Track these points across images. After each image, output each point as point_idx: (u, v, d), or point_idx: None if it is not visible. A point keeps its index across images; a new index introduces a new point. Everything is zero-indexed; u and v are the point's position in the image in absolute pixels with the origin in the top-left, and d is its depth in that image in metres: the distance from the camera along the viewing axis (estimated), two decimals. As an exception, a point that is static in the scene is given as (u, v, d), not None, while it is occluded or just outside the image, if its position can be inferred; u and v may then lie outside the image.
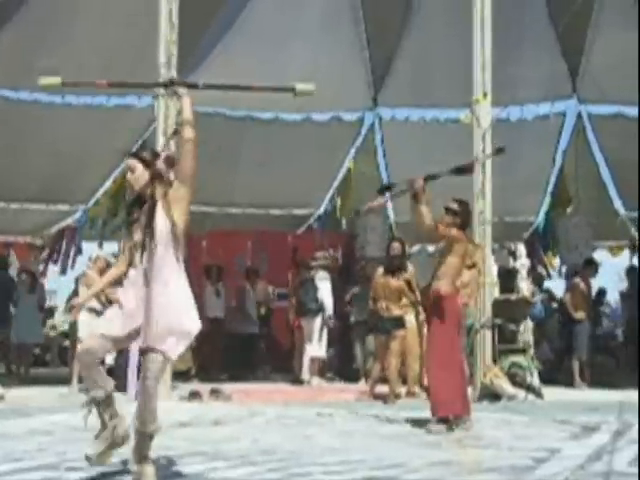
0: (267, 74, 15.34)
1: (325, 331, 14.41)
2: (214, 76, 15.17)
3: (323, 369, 14.75)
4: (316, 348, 14.22)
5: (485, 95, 12.13)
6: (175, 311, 5.19)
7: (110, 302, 13.03)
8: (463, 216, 8.52)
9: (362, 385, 13.16)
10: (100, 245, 17.91)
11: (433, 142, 16.36)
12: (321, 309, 14.24)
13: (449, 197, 8.70)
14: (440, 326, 8.36)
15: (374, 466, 6.15)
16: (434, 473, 5.86)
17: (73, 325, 16.70)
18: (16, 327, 15.66)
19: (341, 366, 15.49)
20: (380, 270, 11.82)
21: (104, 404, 5.36)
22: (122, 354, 12.23)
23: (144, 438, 5.18)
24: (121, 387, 12.08)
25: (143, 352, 5.23)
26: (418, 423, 8.45)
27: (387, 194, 9.21)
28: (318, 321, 14.25)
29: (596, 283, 15.58)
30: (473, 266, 11.90)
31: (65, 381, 13.72)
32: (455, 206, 8.48)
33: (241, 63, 15.17)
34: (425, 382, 10.23)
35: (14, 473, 5.64)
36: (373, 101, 17.31)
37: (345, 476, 5.70)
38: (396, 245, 11.74)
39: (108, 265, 13.56)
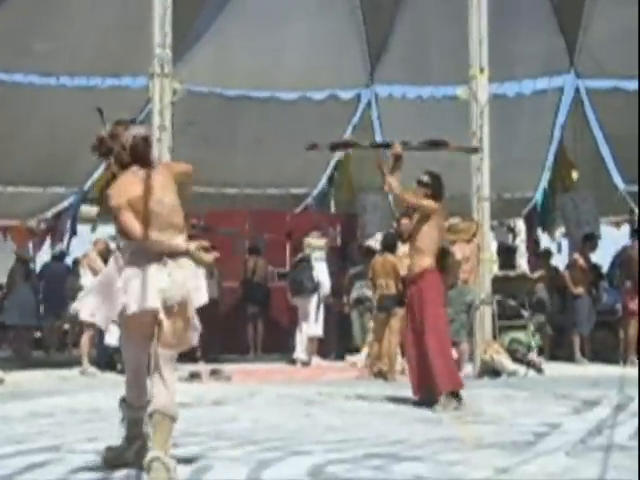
0: (263, 53, 15.35)
1: (322, 310, 14.39)
2: (209, 56, 15.26)
3: (322, 349, 14.75)
4: (313, 327, 14.20)
5: (482, 70, 12.09)
6: None
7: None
8: (434, 188, 8.48)
9: (361, 363, 13.17)
10: (93, 229, 17.91)
11: (430, 119, 16.31)
12: (317, 288, 14.21)
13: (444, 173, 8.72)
14: (431, 301, 8.35)
15: (375, 443, 6.18)
16: (435, 449, 5.88)
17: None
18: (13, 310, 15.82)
19: (340, 345, 15.49)
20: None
21: (135, 421, 5.34)
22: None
23: (166, 421, 5.01)
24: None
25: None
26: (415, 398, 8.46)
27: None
28: (314, 300, 14.23)
29: (597, 258, 15.54)
30: (470, 241, 11.91)
31: (65, 364, 13.74)
32: (425, 178, 8.47)
33: (236, 42, 15.17)
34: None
35: (15, 455, 5.63)
36: (369, 79, 17.29)
37: (346, 454, 5.70)
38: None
39: (108, 247, 13.60)
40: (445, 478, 4.93)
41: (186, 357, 13.58)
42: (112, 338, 13.02)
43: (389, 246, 11.79)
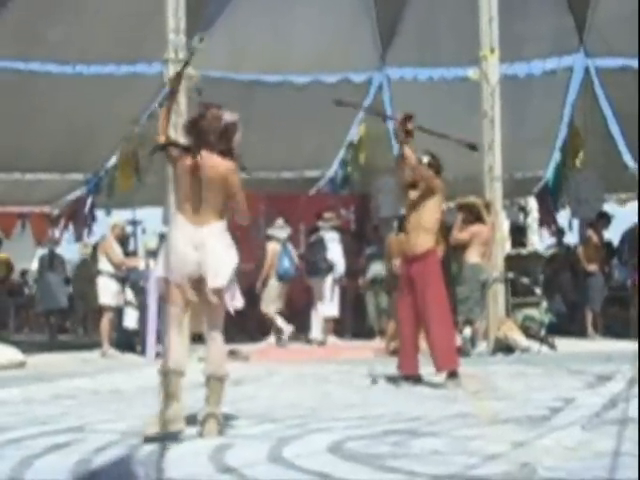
0: (275, 37, 15.39)
1: (337, 290, 14.48)
2: (222, 41, 15.28)
3: (338, 328, 14.85)
4: (328, 307, 14.31)
5: (493, 51, 12.15)
6: None
7: (128, 270, 13.28)
8: (436, 167, 8.56)
9: (377, 343, 13.29)
10: (108, 213, 18.05)
11: (442, 101, 16.35)
12: (331, 269, 14.30)
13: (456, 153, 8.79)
14: (434, 282, 8.42)
15: (393, 420, 6.26)
16: (452, 425, 5.95)
17: (91, 292, 16.99)
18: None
19: (356, 325, 15.60)
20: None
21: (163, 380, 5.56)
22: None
23: (220, 383, 5.66)
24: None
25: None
26: (434, 377, 8.55)
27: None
28: (329, 281, 14.32)
29: (607, 235, 15.60)
30: (478, 220, 11.98)
31: (86, 347, 13.92)
32: (426, 159, 8.52)
33: (248, 27, 15.19)
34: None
35: (40, 436, 5.73)
36: (381, 61, 17.30)
37: (365, 430, 5.79)
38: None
39: (125, 232, 13.76)
40: (463, 453, 5.00)
41: (203, 339, 13.77)
42: (131, 321, 13.25)
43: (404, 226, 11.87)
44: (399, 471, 4.54)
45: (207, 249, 5.57)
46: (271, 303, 14.09)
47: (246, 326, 14.21)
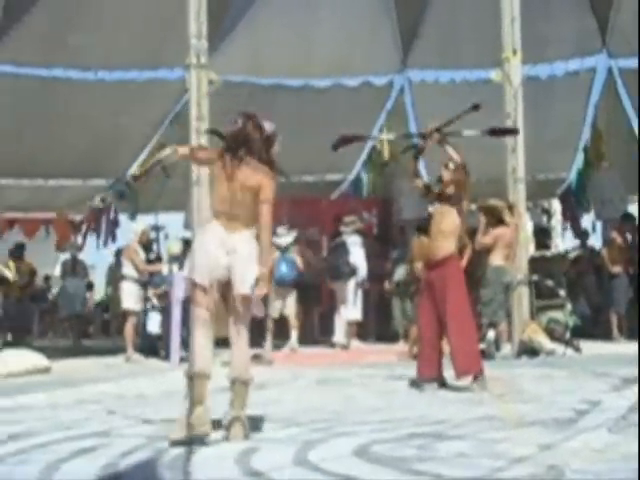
0: (296, 41, 15.40)
1: (360, 294, 14.46)
2: (243, 45, 15.34)
3: (361, 332, 14.83)
4: (351, 311, 14.29)
5: (515, 52, 12.11)
6: None
7: (151, 274, 13.32)
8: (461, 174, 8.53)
9: (400, 346, 13.25)
10: (132, 218, 18.10)
11: (464, 103, 16.20)
12: (354, 272, 14.29)
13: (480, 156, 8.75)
14: (455, 287, 8.38)
15: (418, 423, 6.23)
16: (478, 428, 5.91)
17: (114, 297, 17.09)
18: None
19: (379, 329, 15.58)
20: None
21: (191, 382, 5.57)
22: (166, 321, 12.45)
23: (245, 387, 5.71)
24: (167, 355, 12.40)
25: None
26: (460, 381, 8.51)
27: None
28: (352, 284, 14.31)
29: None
30: (501, 222, 11.94)
31: (109, 352, 13.96)
32: (452, 165, 8.51)
33: (270, 31, 15.20)
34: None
35: (66, 441, 5.72)
36: (402, 64, 17.27)
37: (390, 434, 5.77)
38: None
39: (149, 237, 13.79)
40: (489, 456, 4.96)
41: (227, 343, 13.79)
42: (154, 325, 13.27)
43: (425, 229, 11.84)
44: (426, 474, 4.52)
45: (237, 255, 5.63)
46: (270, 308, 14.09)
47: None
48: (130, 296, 13.16)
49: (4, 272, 14.32)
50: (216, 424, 5.66)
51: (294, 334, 14.43)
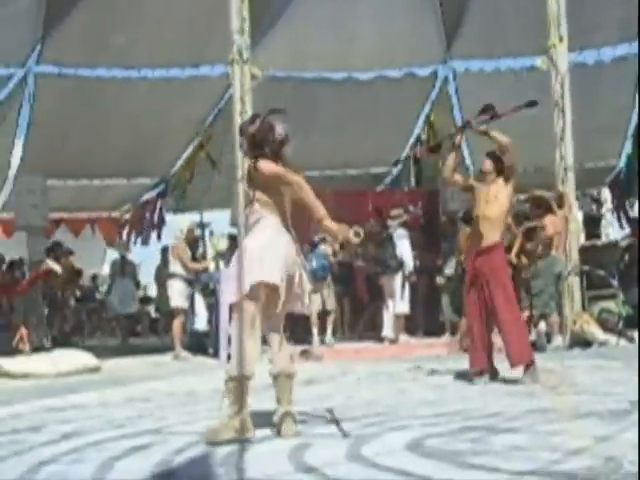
0: (338, 34, 15.33)
1: (407, 287, 14.38)
2: (285, 39, 15.31)
3: (409, 326, 14.75)
4: (399, 305, 14.22)
5: (561, 39, 11.96)
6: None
7: (197, 273, 13.34)
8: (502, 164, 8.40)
9: (447, 339, 13.17)
10: (179, 211, 18.19)
11: (509, 92, 16.11)
12: (401, 266, 14.22)
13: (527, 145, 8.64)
14: (501, 275, 8.33)
15: (471, 416, 6.18)
16: (532, 421, 5.84)
17: (162, 296, 17.14)
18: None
19: (427, 322, 15.49)
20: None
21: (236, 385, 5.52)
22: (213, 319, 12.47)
23: (289, 380, 5.62)
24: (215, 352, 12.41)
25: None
26: (511, 373, 8.42)
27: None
28: (399, 278, 14.24)
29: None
30: (549, 211, 11.80)
31: (157, 350, 14.02)
32: (496, 153, 8.40)
33: (311, 25, 15.16)
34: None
35: (118, 439, 5.74)
36: (446, 54, 17.14)
37: (443, 427, 5.72)
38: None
39: (195, 235, 13.80)
40: (545, 448, 4.88)
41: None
42: (202, 323, 13.29)
43: (470, 219, 11.73)
44: (481, 468, 4.46)
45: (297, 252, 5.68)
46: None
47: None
48: (178, 294, 13.19)
49: (53, 266, 14.42)
50: (266, 420, 5.64)
51: (328, 330, 14.43)
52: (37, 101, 15.58)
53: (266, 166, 5.60)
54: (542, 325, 11.35)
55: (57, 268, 14.76)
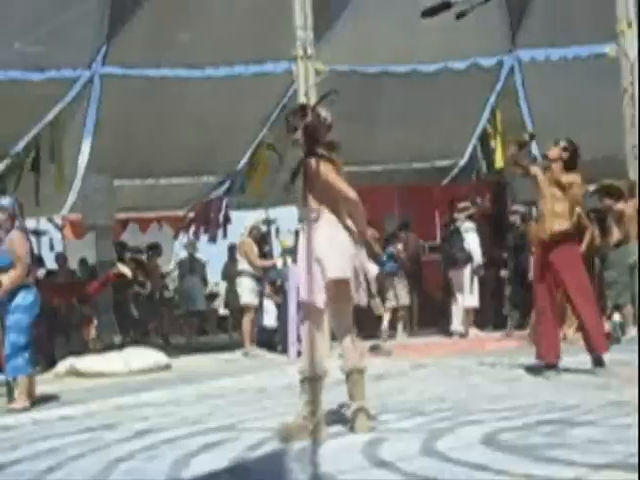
0: (401, 27, 15.22)
1: (476, 281, 14.27)
2: (348, 34, 15.25)
3: (478, 319, 14.64)
4: (468, 299, 14.12)
5: (630, 24, 11.74)
6: None
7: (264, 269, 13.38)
8: (571, 154, 8.26)
9: (520, 332, 13.04)
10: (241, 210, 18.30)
11: (576, 80, 15.92)
12: (469, 259, 14.11)
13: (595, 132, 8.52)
14: (576, 264, 8.24)
15: (545, 410, 6.12)
16: (607, 413, 5.79)
17: (229, 293, 17.25)
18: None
19: (497, 316, 15.35)
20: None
21: (310, 386, 5.52)
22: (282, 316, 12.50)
23: (361, 376, 5.59)
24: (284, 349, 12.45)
25: None
26: (583, 365, 8.31)
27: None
28: (467, 272, 14.14)
29: None
30: (620, 198, 11.61)
31: (226, 348, 14.09)
32: (563, 143, 8.27)
33: (374, 18, 15.08)
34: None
35: (192, 436, 5.78)
36: (511, 44, 16.93)
37: (517, 421, 5.66)
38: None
39: (261, 233, 13.84)
40: (622, 441, 4.80)
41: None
42: (270, 319, 13.33)
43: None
44: (558, 461, 4.41)
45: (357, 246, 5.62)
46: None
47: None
48: (248, 291, 13.24)
49: (123, 269, 14.60)
50: (338, 415, 5.62)
51: (400, 326, 14.39)
52: (103, 102, 15.74)
53: (325, 170, 5.53)
54: (616, 316, 11.17)
55: (127, 272, 14.95)
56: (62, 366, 11.28)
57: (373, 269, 5.76)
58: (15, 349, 8.01)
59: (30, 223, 15.33)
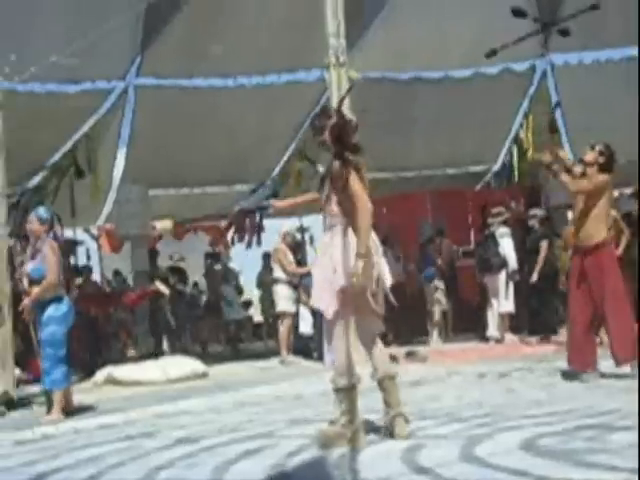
0: (433, 33, 15.22)
1: (511, 286, 14.21)
2: (380, 41, 15.25)
3: (514, 325, 14.57)
4: (503, 304, 14.07)
5: (664, 28, 11.66)
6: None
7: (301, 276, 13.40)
8: (608, 158, 8.21)
9: (557, 338, 12.97)
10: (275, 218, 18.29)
11: (610, 83, 15.82)
12: (504, 264, 14.06)
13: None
14: (612, 272, 8.16)
15: (585, 414, 6.09)
16: (649, 418, 5.74)
17: (264, 301, 17.31)
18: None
19: (532, 321, 15.28)
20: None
21: (346, 395, 5.51)
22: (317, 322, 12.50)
23: (393, 382, 5.57)
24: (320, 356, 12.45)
25: None
26: (621, 370, 8.26)
27: None
28: (502, 277, 14.08)
29: None
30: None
31: (261, 355, 14.13)
32: (600, 147, 8.22)
33: (406, 25, 15.06)
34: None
35: (230, 443, 5.82)
36: (544, 48, 16.84)
37: (557, 426, 5.64)
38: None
39: (295, 240, 13.87)
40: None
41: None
42: (306, 326, 13.34)
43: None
44: (599, 466, 4.40)
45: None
46: None
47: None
48: (284, 298, 13.26)
49: (160, 287, 14.78)
50: (376, 422, 5.63)
51: (435, 332, 14.36)
52: (137, 113, 15.84)
53: (352, 180, 5.44)
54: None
55: (164, 289, 15.10)
56: (100, 375, 11.38)
57: (389, 279, 5.68)
58: (53, 362, 8.07)
59: (67, 234, 15.47)
